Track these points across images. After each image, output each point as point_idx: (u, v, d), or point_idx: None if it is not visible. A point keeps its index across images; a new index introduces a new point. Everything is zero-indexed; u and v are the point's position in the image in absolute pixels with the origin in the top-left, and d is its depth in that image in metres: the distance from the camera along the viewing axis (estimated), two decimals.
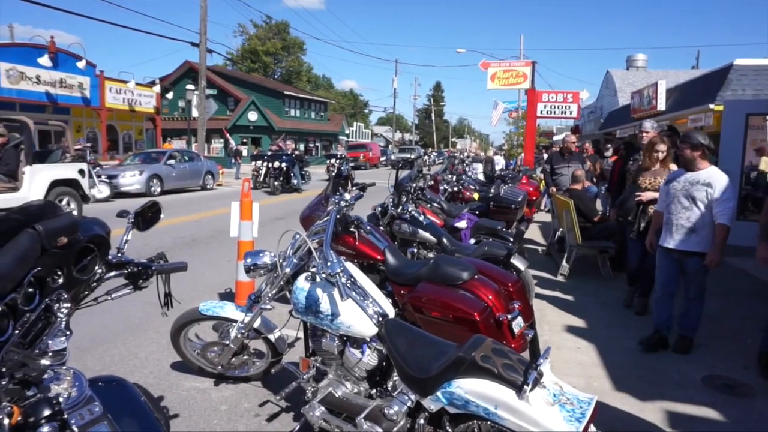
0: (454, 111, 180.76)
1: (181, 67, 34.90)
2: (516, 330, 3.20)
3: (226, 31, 68.04)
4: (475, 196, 8.33)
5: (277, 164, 16.91)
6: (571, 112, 16.15)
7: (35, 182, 8.95)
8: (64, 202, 9.51)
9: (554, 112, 16.65)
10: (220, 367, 3.28)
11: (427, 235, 4.81)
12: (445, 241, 4.72)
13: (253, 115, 33.92)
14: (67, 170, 9.86)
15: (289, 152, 18.28)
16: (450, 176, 8.63)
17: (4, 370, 1.22)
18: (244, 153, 28.27)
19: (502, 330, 3.17)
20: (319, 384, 2.61)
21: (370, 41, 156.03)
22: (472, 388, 2.01)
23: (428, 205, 6.14)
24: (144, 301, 4.62)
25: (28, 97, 17.46)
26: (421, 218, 5.01)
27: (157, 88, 23.70)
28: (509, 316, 3.18)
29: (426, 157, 13.90)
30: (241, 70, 47.91)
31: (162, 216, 1.96)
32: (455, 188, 8.33)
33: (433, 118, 75.94)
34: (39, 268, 1.41)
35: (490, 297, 3.27)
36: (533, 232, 9.83)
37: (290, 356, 3.32)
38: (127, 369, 3.60)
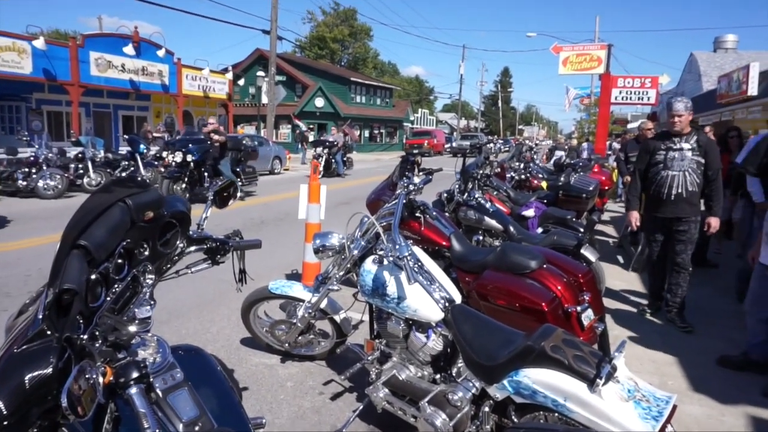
0: (522, 97, 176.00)
1: (252, 55, 35.90)
2: (585, 323, 3.09)
3: (296, 18, 69.52)
4: (543, 184, 8.09)
5: (319, 150, 16.73)
6: (648, 98, 15.30)
7: None
8: None
9: (630, 98, 15.83)
10: (287, 344, 3.39)
11: (493, 222, 4.73)
12: (511, 229, 4.62)
13: (319, 102, 34.46)
14: None
15: (331, 139, 17.88)
16: (517, 164, 8.43)
17: (98, 333, 1.30)
18: (311, 138, 28.83)
19: (571, 322, 3.07)
20: (383, 366, 2.64)
21: (437, 26, 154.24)
22: (540, 378, 1.97)
23: (495, 193, 6.02)
24: (217, 278, 4.83)
25: (114, 84, 18.56)
26: (488, 205, 4.93)
27: (229, 75, 24.50)
28: (578, 308, 3.07)
29: (491, 145, 12.87)
30: (309, 57, 48.68)
31: (239, 194, 2.03)
32: (522, 176, 8.13)
33: (499, 104, 74.27)
34: (128, 240, 1.49)
35: (559, 287, 3.18)
36: (605, 223, 9.44)
37: (354, 338, 3.38)
38: (200, 342, 3.78)
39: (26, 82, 16.21)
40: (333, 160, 16.97)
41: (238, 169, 11.75)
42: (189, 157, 10.39)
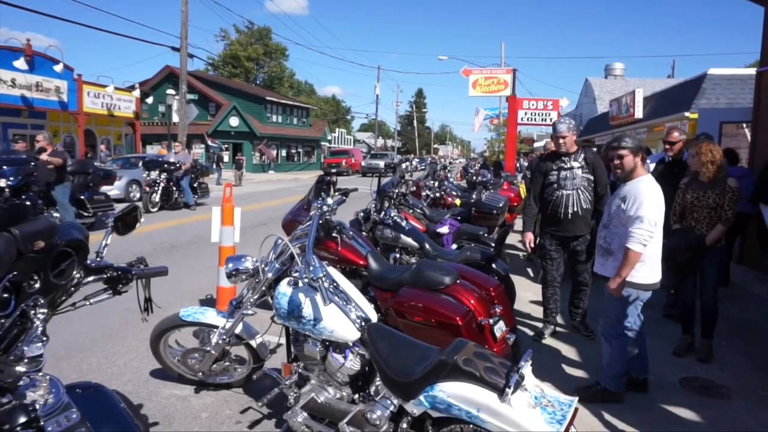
0: (436, 117, 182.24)
1: (161, 72, 34.57)
2: (498, 334, 3.22)
3: (208, 36, 67.85)
4: (457, 201, 8.39)
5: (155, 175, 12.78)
6: (551, 119, 16.37)
7: None
8: None
9: (534, 119, 16.89)
10: (200, 373, 3.25)
11: (409, 240, 4.83)
12: (427, 246, 4.74)
13: (234, 121, 33.71)
14: None
15: (172, 159, 13.46)
16: (432, 182, 8.68)
17: None
18: (225, 159, 28.09)
19: (484, 334, 3.19)
20: (302, 390, 2.60)
21: (353, 47, 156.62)
22: (454, 392, 2.02)
23: (410, 211, 6.17)
24: (123, 307, 4.55)
25: (3, 100, 17.10)
26: (404, 224, 5.03)
27: (136, 93, 23.37)
28: (491, 321, 3.20)
29: (407, 164, 12.00)
30: (223, 76, 47.62)
31: (142, 220, 1.94)
32: (437, 194, 8.38)
33: (415, 124, 76.34)
34: (15, 273, 1.38)
35: (472, 301, 3.30)
36: (514, 238, 9.91)
37: (272, 362, 3.30)
38: (105, 377, 3.53)
39: None
40: (174, 188, 13.01)
41: (83, 197, 9.72)
42: (2, 182, 8.22)
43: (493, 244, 5.40)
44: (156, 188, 12.52)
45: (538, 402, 1.93)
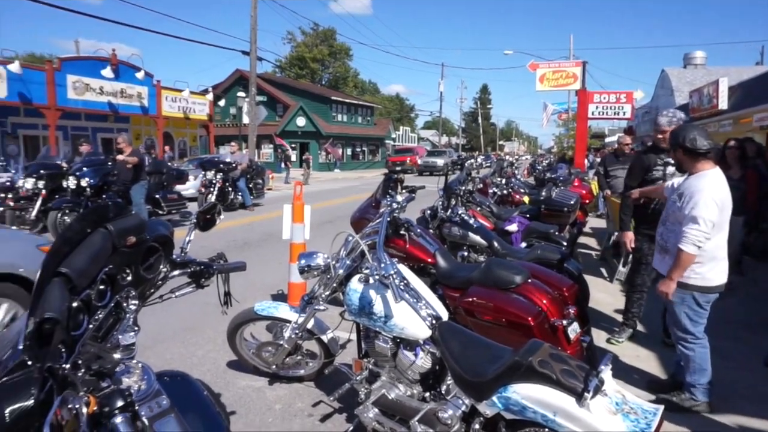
0: (502, 114, 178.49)
1: (232, 75, 35.95)
2: (572, 336, 3.11)
3: (276, 39, 69.74)
4: (525, 199, 8.19)
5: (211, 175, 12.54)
6: (624, 113, 15.61)
7: None
8: None
9: (606, 113, 16.16)
10: (274, 366, 3.35)
11: (477, 238, 4.76)
12: (496, 244, 4.65)
13: (301, 121, 34.55)
14: None
15: (228, 160, 13.26)
16: (499, 179, 8.52)
17: (81, 361, 1.28)
18: (293, 158, 28.84)
19: (557, 336, 3.09)
20: (372, 386, 2.62)
21: (416, 45, 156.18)
22: (529, 394, 1.97)
23: (478, 208, 6.08)
24: (201, 301, 4.78)
25: (92, 107, 18.41)
26: (471, 221, 4.96)
27: (210, 96, 24.49)
28: (564, 322, 3.10)
29: (472, 161, 11.31)
30: (289, 77, 48.89)
31: (222, 217, 2.02)
32: (505, 191, 8.21)
33: (479, 121, 75.20)
34: (110, 266, 1.47)
35: (545, 301, 3.20)
36: (587, 237, 9.56)
37: (342, 357, 3.36)
38: (185, 366, 3.72)
39: (1, 107, 15.99)
40: (231, 189, 12.87)
41: (158, 196, 10.23)
42: (84, 182, 8.91)
43: (564, 243, 5.22)
44: (212, 188, 12.36)
45: (619, 408, 1.85)
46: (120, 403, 1.26)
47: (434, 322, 2.43)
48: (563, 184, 9.14)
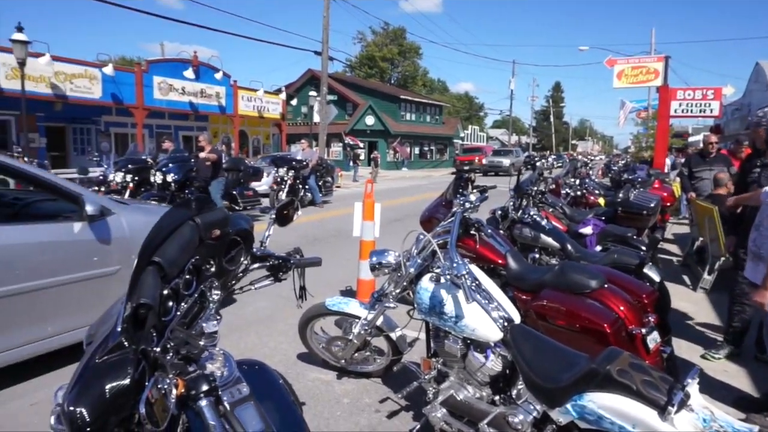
0: (575, 112, 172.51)
1: (304, 75, 36.89)
2: (651, 346, 2.96)
3: (346, 39, 71.13)
4: (601, 201, 7.86)
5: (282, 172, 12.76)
6: (711, 110, 14.62)
7: None
8: None
9: (691, 111, 15.19)
10: (343, 361, 3.41)
11: (549, 240, 4.63)
12: (569, 247, 4.50)
13: (370, 120, 34.93)
14: None
15: (299, 157, 13.51)
16: (572, 180, 8.24)
17: (170, 346, 1.35)
18: (361, 156, 29.20)
19: (635, 344, 2.95)
20: (441, 386, 2.61)
21: (486, 42, 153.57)
22: (606, 404, 1.89)
23: (550, 210, 5.91)
24: (274, 293, 4.94)
25: (175, 106, 19.50)
26: (544, 223, 4.83)
27: (282, 96, 25.26)
28: (643, 330, 2.95)
29: (543, 161, 10.72)
30: (359, 76, 49.51)
31: (299, 213, 2.08)
32: (578, 192, 7.93)
33: (551, 119, 72.98)
34: (197, 257, 1.55)
35: (622, 308, 3.06)
36: (667, 242, 9.06)
37: (410, 356, 3.37)
38: (258, 356, 3.82)
39: (96, 106, 17.28)
40: (301, 186, 13.01)
41: (234, 192, 10.61)
42: (169, 178, 9.51)
43: (643, 247, 4.97)
44: (283, 185, 12.56)
45: (707, 425, 1.74)
46: (205, 388, 1.32)
47: (506, 324, 2.39)
48: (642, 185, 8.70)
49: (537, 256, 4.75)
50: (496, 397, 2.45)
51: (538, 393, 2.17)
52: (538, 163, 7.58)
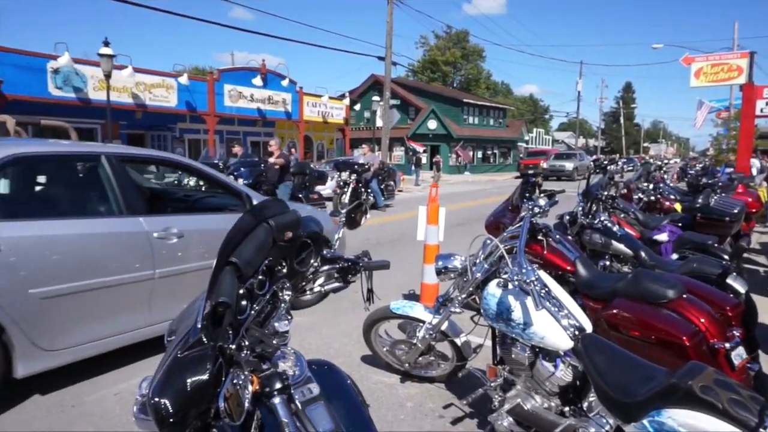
0: (647, 113, 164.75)
1: (367, 80, 37.32)
2: (736, 362, 2.77)
3: (409, 44, 71.48)
4: (677, 206, 7.45)
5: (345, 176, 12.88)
6: None
7: None
8: None
9: None
10: (406, 365, 3.41)
11: (621, 246, 4.44)
12: (643, 254, 4.30)
13: (432, 124, 34.85)
14: None
15: (362, 161, 13.71)
16: (645, 184, 7.86)
17: (245, 344, 1.40)
18: (423, 160, 29.19)
19: (718, 360, 2.77)
20: (507, 394, 2.56)
21: (552, 43, 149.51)
22: (688, 422, 1.79)
23: (622, 215, 5.66)
24: (337, 295, 5.01)
25: (243, 113, 20.27)
26: (615, 228, 4.63)
27: (346, 101, 25.68)
28: (727, 345, 2.76)
29: (614, 165, 10.31)
30: (422, 81, 49.54)
31: (368, 217, 2.10)
32: (652, 197, 7.56)
33: (621, 121, 70.02)
34: (270, 258, 1.60)
35: (702, 320, 2.88)
36: (753, 251, 8.46)
37: (474, 362, 3.32)
38: (323, 357, 3.92)
39: (172, 114, 18.24)
40: (363, 190, 12.97)
41: (300, 195, 10.95)
42: (240, 181, 9.77)
43: (725, 256, 4.66)
44: (346, 189, 12.63)
45: None
46: (278, 386, 1.35)
47: (577, 333, 2.31)
48: (723, 190, 8.16)
49: (608, 263, 4.57)
50: (566, 409, 2.38)
51: (611, 406, 2.08)
52: (609, 167, 7.27)
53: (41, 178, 4.07)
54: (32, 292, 3.03)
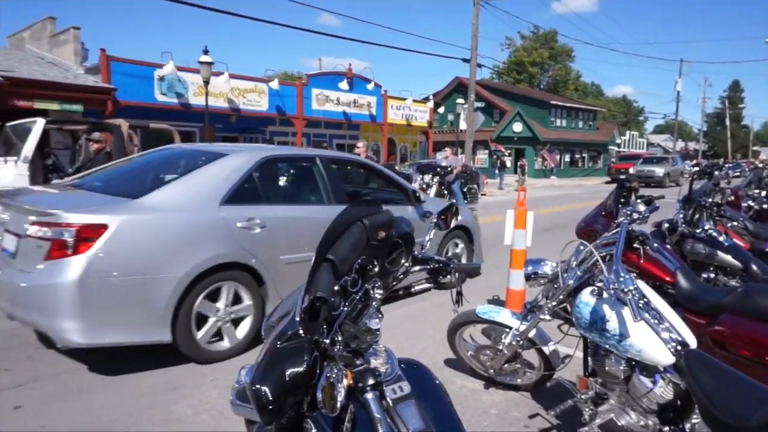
0: (758, 114, 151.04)
1: (451, 83, 37.12)
2: None
3: (494, 46, 70.37)
4: None
5: (428, 179, 13.38)
6: None
7: None
8: None
9: None
10: (491, 371, 3.35)
11: (728, 258, 4.11)
12: (754, 267, 3.96)
13: (517, 126, 34.04)
14: None
15: (444, 164, 14.13)
16: (756, 191, 7.21)
17: (338, 339, 1.44)
18: (507, 164, 28.59)
19: None
20: (599, 408, 2.45)
21: (648, 40, 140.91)
22: None
23: (729, 224, 5.24)
24: (420, 297, 5.04)
25: (330, 116, 20.86)
26: (721, 238, 4.30)
27: (430, 104, 25.69)
28: None
29: (720, 171, 9.46)
30: (507, 82, 48.54)
31: (459, 218, 2.10)
32: (764, 205, 6.92)
33: (727, 123, 64.66)
34: (363, 257, 1.63)
35: None
36: None
37: (561, 373, 3.21)
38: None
39: (263, 118, 19.12)
40: (446, 192, 13.07)
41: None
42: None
43: None
44: (428, 191, 12.64)
45: None
46: (371, 381, 1.37)
47: (679, 348, 2.17)
48: None
49: (712, 275, 4.25)
50: (665, 429, 2.24)
51: (718, 430, 1.93)
52: (714, 172, 6.75)
53: (282, 174, 5.21)
54: (281, 258, 4.10)
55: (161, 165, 4.68)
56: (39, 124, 6.46)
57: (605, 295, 2.32)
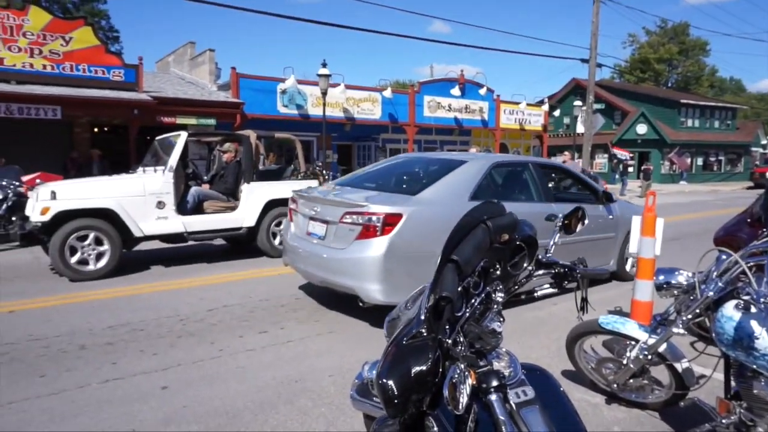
0: None
1: (567, 85, 35.55)
2: None
3: (614, 44, 66.10)
4: None
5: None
6: None
7: (251, 201, 7.75)
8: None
9: None
10: (614, 385, 3.15)
11: None
12: None
13: (641, 128, 31.74)
14: (288, 188, 7.22)
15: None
16: None
17: (460, 339, 1.44)
18: (630, 169, 26.78)
19: None
20: None
21: None
22: None
23: None
24: (533, 305, 4.89)
25: (441, 122, 20.92)
26: None
27: (545, 107, 24.81)
28: None
29: None
30: (630, 82, 45.43)
31: (586, 222, 2.02)
32: None
33: None
34: (486, 260, 1.62)
35: None
36: None
37: (694, 393, 2.93)
38: None
39: (376, 126, 19.64)
40: None
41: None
42: None
43: None
44: None
45: None
46: (495, 383, 1.36)
47: None
48: None
49: None
50: None
51: None
52: None
53: (505, 177, 5.90)
54: None
55: (405, 169, 5.86)
56: (182, 138, 7.17)
57: (753, 309, 2.10)
